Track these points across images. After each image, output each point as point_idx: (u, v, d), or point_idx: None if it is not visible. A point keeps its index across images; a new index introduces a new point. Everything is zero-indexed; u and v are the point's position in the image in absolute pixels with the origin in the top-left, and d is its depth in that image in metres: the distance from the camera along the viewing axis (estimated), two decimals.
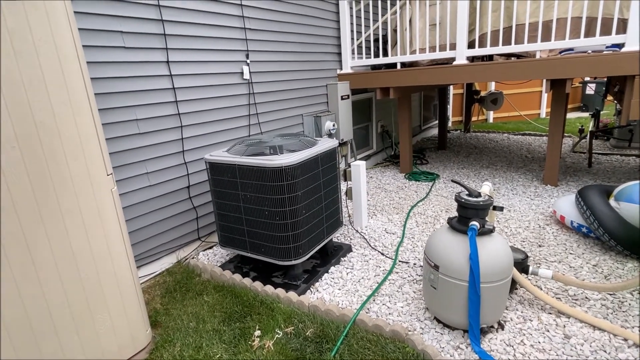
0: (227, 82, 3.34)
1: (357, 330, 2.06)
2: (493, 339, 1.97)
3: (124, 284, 1.90)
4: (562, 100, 3.89)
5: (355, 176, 3.35)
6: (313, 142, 2.65)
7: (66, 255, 1.66)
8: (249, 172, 2.41)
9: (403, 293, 2.42)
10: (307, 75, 4.36)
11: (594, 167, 4.84)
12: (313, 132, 4.20)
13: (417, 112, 7.38)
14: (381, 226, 3.47)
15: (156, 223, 2.89)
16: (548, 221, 3.31)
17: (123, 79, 2.58)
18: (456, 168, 5.23)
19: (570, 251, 2.79)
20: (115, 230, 1.84)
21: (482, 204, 1.89)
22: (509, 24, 3.87)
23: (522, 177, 4.57)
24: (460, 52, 3.99)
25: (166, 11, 2.78)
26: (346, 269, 2.76)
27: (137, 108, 2.68)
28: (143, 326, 2.05)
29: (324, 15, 4.53)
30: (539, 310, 2.17)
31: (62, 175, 1.61)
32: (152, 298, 2.59)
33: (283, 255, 2.48)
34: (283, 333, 2.12)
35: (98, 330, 1.82)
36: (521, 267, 2.26)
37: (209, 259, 3.09)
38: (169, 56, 2.83)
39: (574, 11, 3.51)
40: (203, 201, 3.25)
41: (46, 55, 1.52)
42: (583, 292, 2.31)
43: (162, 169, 2.89)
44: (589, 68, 3.40)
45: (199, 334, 2.18)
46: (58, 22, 1.54)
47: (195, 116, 3.10)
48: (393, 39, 4.94)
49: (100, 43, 2.43)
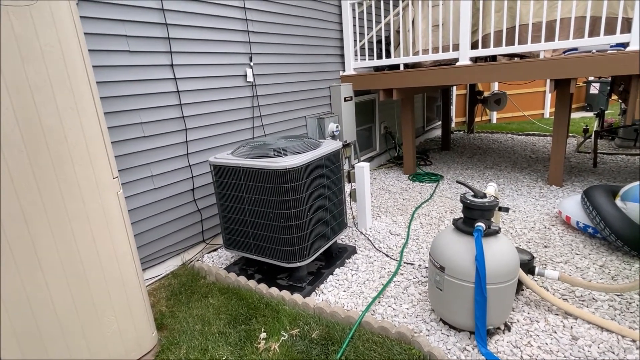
0: (230, 85, 3.35)
1: (363, 332, 2.06)
2: (500, 340, 1.96)
3: (130, 287, 1.91)
4: (567, 100, 3.87)
5: (360, 178, 3.35)
6: (317, 144, 2.66)
7: (73, 259, 1.67)
8: (254, 174, 2.42)
9: (408, 295, 2.41)
10: (310, 77, 4.36)
11: (599, 167, 4.81)
12: (316, 134, 4.20)
13: (420, 113, 7.37)
14: (385, 228, 3.46)
15: (161, 226, 2.90)
16: (553, 222, 3.29)
17: (128, 82, 2.60)
18: (460, 169, 5.21)
19: (576, 252, 2.77)
20: (121, 234, 1.85)
21: (488, 204, 1.88)
22: (512, 24, 3.87)
23: (527, 178, 4.55)
24: (463, 53, 3.99)
25: (170, 15, 2.80)
26: (351, 271, 2.76)
27: (141, 111, 2.69)
28: (149, 329, 2.05)
29: (326, 17, 4.54)
30: (546, 311, 2.15)
31: (68, 179, 1.62)
32: (157, 301, 2.60)
33: (288, 258, 2.48)
34: (289, 335, 2.12)
35: (104, 333, 1.82)
36: (527, 268, 2.25)
37: (214, 262, 3.09)
38: (173, 60, 2.85)
39: (577, 11, 3.49)
40: (207, 204, 3.26)
41: (52, 60, 1.53)
42: (590, 293, 2.29)
43: (167, 172, 2.90)
44: (593, 68, 3.38)
45: (204, 336, 2.18)
46: (64, 27, 1.56)
47: (200, 119, 3.11)
48: (396, 40, 4.94)
49: (105, 47, 2.45)
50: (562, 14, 3.57)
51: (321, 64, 4.54)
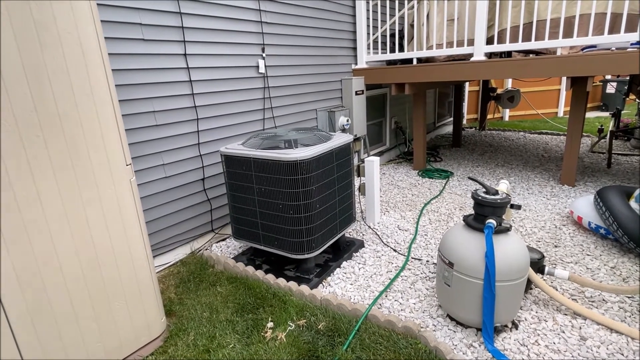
0: (242, 76, 3.35)
1: (369, 325, 2.07)
2: (507, 338, 1.95)
3: (141, 272, 1.94)
4: (583, 98, 3.80)
5: (369, 172, 3.34)
6: (328, 137, 2.65)
7: (87, 244, 1.70)
8: (264, 165, 2.42)
9: (415, 290, 2.41)
10: (321, 70, 4.34)
11: (613, 168, 4.72)
12: (327, 127, 4.19)
13: (432, 109, 7.30)
14: (394, 223, 3.46)
15: (171, 214, 2.93)
16: (564, 222, 3.25)
17: (141, 70, 2.61)
18: (470, 166, 5.17)
19: (587, 252, 2.74)
20: (133, 220, 1.87)
21: (500, 201, 1.87)
22: (530, 19, 3.79)
23: (538, 177, 4.49)
24: (478, 48, 3.92)
25: (184, 4, 2.80)
26: (358, 264, 2.77)
27: (154, 100, 2.71)
28: (158, 314, 2.09)
29: (340, 9, 4.50)
30: (554, 311, 2.14)
31: (83, 165, 1.65)
32: (166, 288, 2.64)
33: (296, 249, 2.50)
34: (295, 325, 2.13)
35: (115, 316, 1.86)
36: (537, 267, 2.23)
37: (222, 251, 3.12)
38: (186, 49, 2.85)
39: (598, 7, 3.41)
40: (217, 193, 3.29)
41: (70, 46, 1.55)
42: (600, 294, 2.27)
43: (178, 161, 2.93)
44: (612, 66, 3.31)
45: (212, 323, 2.21)
46: (82, 13, 1.57)
47: (211, 109, 3.12)
48: (409, 34, 4.88)
49: (119, 35, 2.46)
50: (582, 10, 3.49)
51: (333, 56, 4.51)
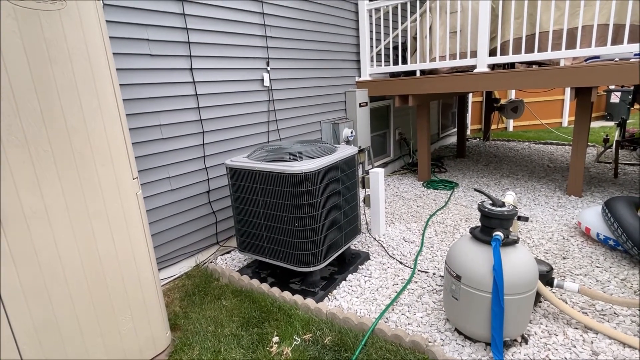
0: (247, 89, 3.39)
1: (376, 339, 2.04)
2: (516, 352, 1.92)
3: (147, 286, 1.93)
4: (587, 108, 3.80)
5: (374, 183, 3.34)
6: (332, 149, 2.66)
7: (92, 257, 1.70)
8: (269, 177, 2.43)
9: (422, 303, 2.38)
10: (326, 83, 4.38)
11: (620, 178, 4.68)
12: (331, 139, 4.20)
13: (436, 120, 7.31)
14: (399, 234, 3.43)
15: (176, 227, 2.93)
16: (572, 233, 3.22)
17: (148, 85, 2.65)
18: (475, 177, 5.15)
19: (596, 264, 2.70)
20: (139, 233, 1.87)
21: (507, 213, 1.85)
22: (532, 31, 3.81)
23: (545, 187, 4.46)
24: (481, 59, 3.95)
25: (191, 20, 2.85)
26: (364, 277, 2.74)
27: (160, 114, 2.74)
28: (163, 328, 2.07)
29: (343, 23, 4.56)
30: (565, 324, 2.10)
31: (90, 179, 1.66)
32: (171, 301, 2.62)
33: (301, 262, 2.48)
34: (301, 340, 2.11)
35: (120, 331, 1.85)
36: (546, 280, 2.19)
37: (227, 264, 3.11)
38: (192, 63, 2.90)
39: (600, 18, 3.43)
40: (222, 206, 3.29)
41: (79, 62, 1.57)
42: (611, 307, 2.22)
43: (184, 174, 2.94)
44: (616, 76, 3.31)
45: (217, 338, 2.19)
46: (91, 29, 1.60)
47: (217, 122, 3.14)
48: (412, 47, 4.92)
49: (127, 50, 2.50)
50: (584, 22, 3.51)
51: (337, 69, 4.56)
